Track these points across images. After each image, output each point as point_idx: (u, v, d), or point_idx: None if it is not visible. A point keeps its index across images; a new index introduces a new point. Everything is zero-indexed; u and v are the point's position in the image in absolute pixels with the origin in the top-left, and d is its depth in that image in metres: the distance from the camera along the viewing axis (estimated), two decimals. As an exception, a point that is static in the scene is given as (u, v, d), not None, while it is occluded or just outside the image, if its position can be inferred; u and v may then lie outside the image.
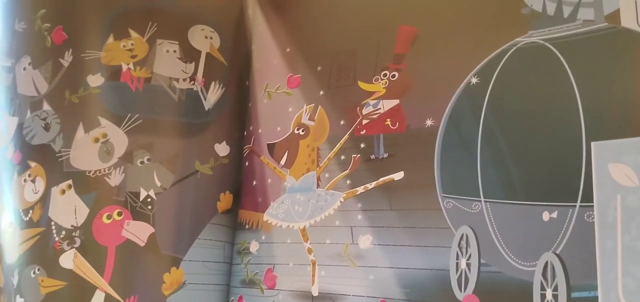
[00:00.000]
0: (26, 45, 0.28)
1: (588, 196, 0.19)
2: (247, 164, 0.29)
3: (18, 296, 0.28)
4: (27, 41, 0.28)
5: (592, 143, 0.19)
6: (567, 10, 0.22)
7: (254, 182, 0.28)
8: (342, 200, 0.25)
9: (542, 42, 0.21)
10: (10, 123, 0.28)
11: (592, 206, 0.18)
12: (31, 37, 0.28)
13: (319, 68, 0.28)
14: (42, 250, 0.26)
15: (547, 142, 0.20)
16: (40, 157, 0.27)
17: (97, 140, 0.27)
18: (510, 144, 0.21)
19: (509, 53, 0.22)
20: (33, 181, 0.27)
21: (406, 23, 0.26)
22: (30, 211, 0.27)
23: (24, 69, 0.28)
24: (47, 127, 0.27)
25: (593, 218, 0.18)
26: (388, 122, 0.25)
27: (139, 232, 0.26)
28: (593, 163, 0.19)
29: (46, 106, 0.27)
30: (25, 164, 0.27)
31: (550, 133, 0.20)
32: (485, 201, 0.21)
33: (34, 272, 0.26)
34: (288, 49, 0.29)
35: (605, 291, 0.18)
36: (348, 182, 0.25)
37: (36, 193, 0.27)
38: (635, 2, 0.20)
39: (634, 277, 0.17)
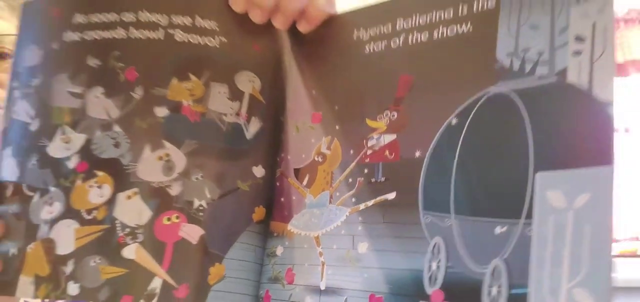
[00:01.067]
0: (99, 78, 0.34)
1: (530, 215, 0.23)
2: (278, 184, 0.35)
3: (71, 282, 0.32)
4: (101, 75, 0.34)
5: (537, 174, 0.24)
6: (528, 67, 0.26)
7: (282, 199, 0.34)
8: (348, 214, 0.30)
9: (507, 91, 0.26)
10: (76, 139, 0.34)
11: (531, 222, 0.23)
12: (105, 73, 0.34)
13: (336, 107, 0.33)
14: (105, 243, 0.32)
15: (504, 172, 0.25)
16: (109, 168, 0.33)
17: (161, 158, 0.33)
18: (476, 172, 0.26)
19: (482, 99, 0.27)
20: (99, 187, 0.33)
21: (405, 73, 0.31)
22: (94, 211, 0.33)
23: (97, 96, 0.34)
24: (117, 145, 0.33)
25: (531, 232, 0.23)
26: (386, 152, 0.30)
27: (192, 232, 0.32)
28: (536, 189, 0.23)
29: (117, 128, 0.33)
30: (91, 173, 0.33)
31: (508, 164, 0.25)
32: (454, 217, 0.26)
33: (95, 262, 0.32)
34: (313, 92, 0.35)
35: (534, 288, 0.22)
36: (353, 200, 0.30)
37: (102, 197, 0.33)
38: (579, 63, 0.25)
39: (557, 278, 0.22)
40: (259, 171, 0.35)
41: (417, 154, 0.29)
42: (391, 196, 0.29)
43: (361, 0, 0.36)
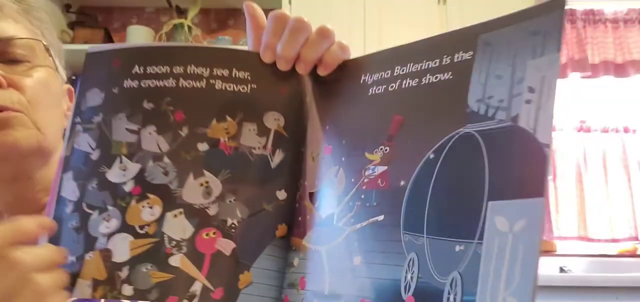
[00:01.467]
0: (152, 118, 0.41)
1: (482, 236, 0.29)
2: (297, 206, 0.41)
3: (126, 285, 0.38)
4: (154, 116, 0.41)
5: (489, 202, 0.29)
6: (490, 112, 0.32)
7: (300, 218, 0.41)
8: (347, 233, 0.36)
9: (473, 132, 0.32)
10: (131, 167, 0.41)
11: (482, 242, 0.29)
12: (157, 114, 0.41)
13: (343, 141, 0.39)
14: (155, 253, 0.38)
15: (466, 200, 0.31)
16: (159, 192, 0.40)
17: (201, 185, 0.40)
18: (445, 199, 0.32)
19: (454, 138, 0.33)
20: (151, 207, 0.39)
21: (398, 114, 0.37)
22: (146, 227, 0.39)
23: (150, 133, 0.41)
24: (166, 173, 0.40)
25: (481, 250, 0.28)
26: (379, 181, 0.36)
27: (226, 246, 0.39)
28: (488, 215, 0.29)
29: (166, 160, 0.40)
30: (144, 195, 0.40)
31: (469, 193, 0.31)
32: (426, 237, 0.32)
33: (146, 268, 0.38)
34: (327, 127, 0.41)
35: (479, 297, 0.28)
36: (352, 220, 0.36)
37: (153, 215, 0.39)
38: (528, 110, 0.30)
39: (496, 289, 0.27)
40: (281, 195, 0.41)
41: (402, 183, 0.35)
42: (380, 218, 0.35)
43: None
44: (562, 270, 2.39)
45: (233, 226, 0.39)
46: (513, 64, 0.33)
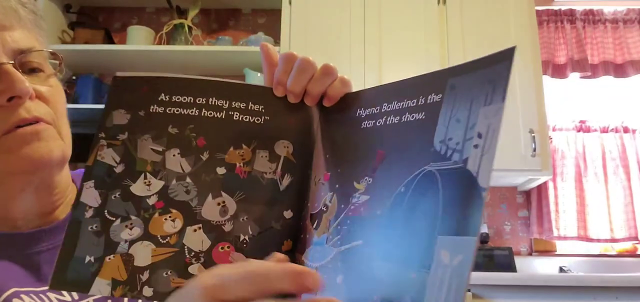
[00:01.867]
0: (177, 142, 0.46)
1: (430, 266, 0.34)
2: (301, 224, 0.46)
3: (146, 287, 0.41)
4: (178, 140, 0.46)
5: (439, 236, 0.34)
6: (448, 153, 0.36)
7: (302, 236, 0.46)
8: (334, 253, 0.41)
9: (434, 170, 0.36)
10: (156, 184, 0.45)
11: (430, 272, 0.34)
12: (181, 139, 0.46)
13: (338, 170, 0.44)
14: (175, 261, 0.43)
15: (424, 232, 0.35)
16: (181, 208, 0.44)
17: (219, 204, 0.45)
18: (409, 230, 0.36)
19: (420, 174, 0.37)
20: (173, 220, 0.44)
21: (381, 148, 0.41)
22: (168, 238, 0.44)
23: (174, 155, 0.46)
24: (187, 192, 0.45)
25: (428, 279, 0.33)
26: (362, 209, 0.41)
27: (238, 259, 0.44)
28: (436, 249, 0.34)
29: (188, 180, 0.45)
30: (167, 209, 0.44)
31: (426, 227, 0.35)
32: (393, 263, 0.36)
33: (166, 273, 0.42)
34: (327, 156, 0.46)
35: None
36: (339, 243, 0.41)
37: (174, 228, 0.44)
38: (475, 155, 0.33)
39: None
40: (288, 214, 0.46)
41: (378, 212, 0.39)
42: (359, 242, 0.40)
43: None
44: (562, 270, 2.39)
45: (245, 241, 0.44)
46: (469, 109, 0.35)
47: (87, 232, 0.43)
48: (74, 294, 0.50)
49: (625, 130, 2.55)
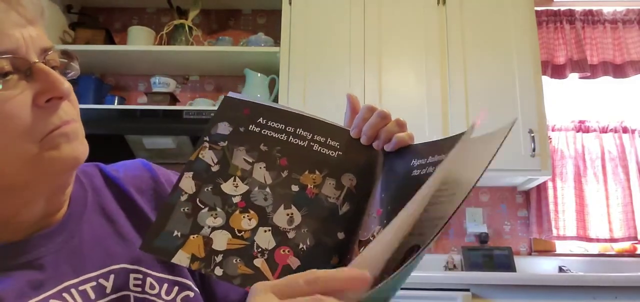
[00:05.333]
0: (264, 157, 0.56)
1: None
2: (350, 246, 0.52)
3: (218, 267, 0.49)
4: (266, 156, 0.56)
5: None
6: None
7: (348, 256, 0.51)
8: None
9: None
10: (242, 187, 0.54)
11: None
12: (269, 156, 0.56)
13: (389, 208, 0.51)
14: (244, 253, 0.50)
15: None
16: (257, 211, 0.53)
17: (288, 214, 0.53)
18: None
19: None
20: (249, 219, 0.52)
21: None
22: (243, 232, 0.52)
23: (260, 168, 0.56)
24: (265, 199, 0.53)
25: None
26: None
27: (293, 262, 0.51)
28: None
29: (268, 190, 0.54)
30: (246, 209, 0.53)
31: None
32: None
33: (235, 261, 0.49)
34: (382, 195, 0.53)
35: None
36: None
37: (250, 226, 0.52)
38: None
39: None
40: (341, 235, 0.53)
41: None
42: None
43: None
44: (561, 269, 2.40)
45: (302, 249, 0.52)
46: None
47: (180, 212, 0.52)
48: (77, 297, 0.50)
49: (625, 130, 2.55)
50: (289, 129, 0.57)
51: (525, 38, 2.31)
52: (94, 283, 0.51)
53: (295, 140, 0.56)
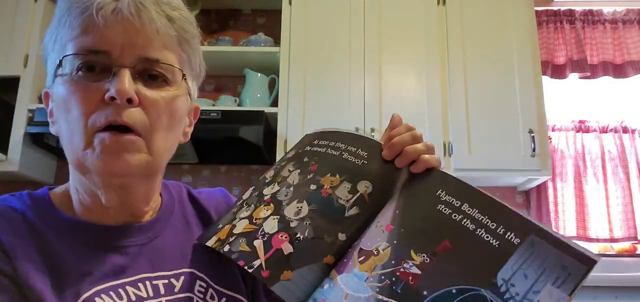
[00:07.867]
0: (302, 165, 0.65)
1: None
2: (349, 250, 0.53)
3: (227, 245, 0.56)
4: (304, 164, 0.64)
5: None
6: (506, 295, 0.40)
7: (345, 260, 0.51)
8: (369, 295, 0.48)
9: (489, 298, 0.41)
10: (274, 188, 0.63)
11: None
12: (306, 165, 0.63)
13: (402, 230, 0.51)
14: (250, 235, 0.56)
15: None
16: (276, 204, 0.59)
17: (297, 207, 0.60)
18: None
19: (476, 291, 0.41)
20: (267, 209, 0.59)
21: (448, 240, 0.47)
22: (258, 220, 0.58)
23: (290, 170, 0.64)
24: (286, 195, 0.60)
25: None
26: (410, 278, 0.46)
27: (287, 249, 0.56)
28: None
29: (291, 188, 0.61)
30: (268, 203, 0.61)
31: None
32: None
33: (241, 241, 0.56)
34: (397, 211, 0.54)
35: None
36: (377, 290, 0.47)
37: (265, 215, 0.59)
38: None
39: None
40: (342, 237, 0.54)
41: (425, 292, 0.42)
42: None
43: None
44: (561, 269, 2.38)
45: (298, 238, 0.54)
46: (539, 275, 0.39)
47: (230, 212, 0.63)
48: (149, 289, 0.56)
49: (625, 130, 2.55)
50: (331, 144, 0.62)
51: (525, 38, 2.31)
52: (166, 281, 0.57)
53: (331, 151, 0.61)
